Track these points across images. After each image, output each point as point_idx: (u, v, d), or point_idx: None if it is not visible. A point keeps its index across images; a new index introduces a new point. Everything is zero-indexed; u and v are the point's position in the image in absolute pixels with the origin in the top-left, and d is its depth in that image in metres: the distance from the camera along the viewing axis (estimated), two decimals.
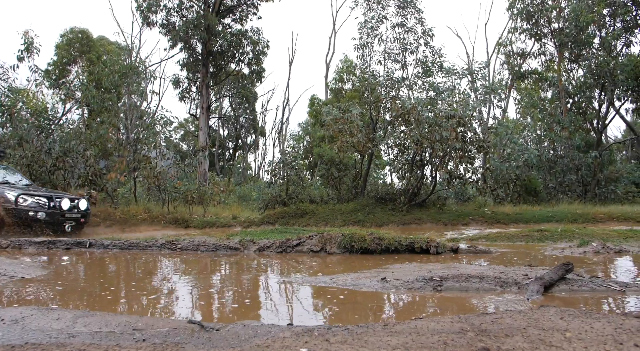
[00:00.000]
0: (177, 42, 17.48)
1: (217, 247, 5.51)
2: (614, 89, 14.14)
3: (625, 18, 13.06)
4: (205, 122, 18.58)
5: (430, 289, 3.14)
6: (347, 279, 3.49)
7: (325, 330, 2.12)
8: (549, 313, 2.14)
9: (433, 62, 12.74)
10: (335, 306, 2.84)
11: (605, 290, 3.02)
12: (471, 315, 2.20)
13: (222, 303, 2.94)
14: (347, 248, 5.08)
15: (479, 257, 4.74)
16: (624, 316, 2.09)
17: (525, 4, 16.34)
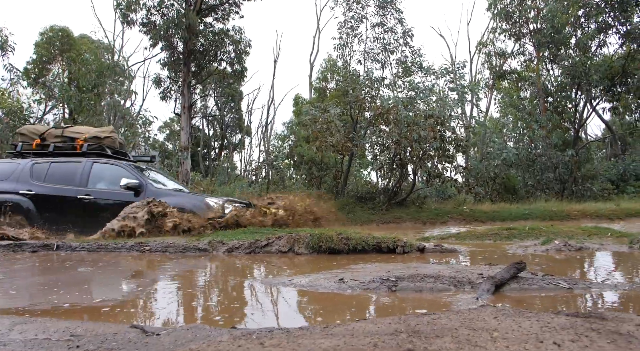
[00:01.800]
0: (158, 41, 17.35)
1: (186, 248, 5.49)
2: (589, 88, 14.39)
3: (599, 19, 13.29)
4: (187, 122, 18.47)
5: (385, 289, 3.17)
6: (306, 280, 3.52)
7: (265, 333, 2.13)
8: (485, 313, 2.18)
9: (413, 62, 12.83)
10: (287, 307, 2.86)
11: (553, 288, 3.08)
12: (410, 316, 2.23)
13: (173, 305, 2.94)
14: (315, 249, 5.10)
15: (445, 256, 4.80)
16: (554, 314, 2.14)
17: (505, 5, 16.54)
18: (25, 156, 7.92)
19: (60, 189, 7.33)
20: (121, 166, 7.66)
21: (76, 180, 7.35)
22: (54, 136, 8.06)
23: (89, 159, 7.57)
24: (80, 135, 7.98)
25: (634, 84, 13.39)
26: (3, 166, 7.77)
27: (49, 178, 7.44)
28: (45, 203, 7.24)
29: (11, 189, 7.34)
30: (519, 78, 17.83)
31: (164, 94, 18.98)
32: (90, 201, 7.18)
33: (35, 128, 8.37)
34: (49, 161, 7.62)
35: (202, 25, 18.15)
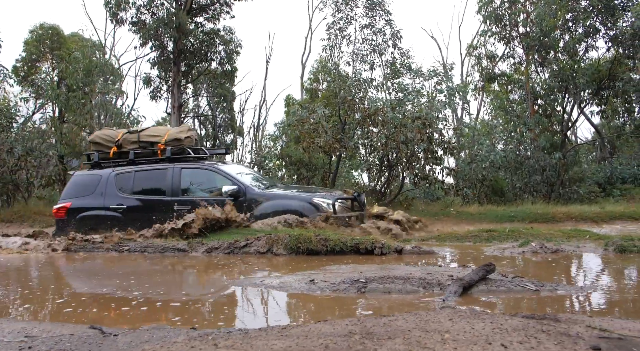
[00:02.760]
0: (148, 41, 17.28)
1: (165, 248, 5.48)
2: (577, 92, 14.50)
3: (586, 23, 13.40)
4: (177, 122, 18.39)
5: (354, 290, 3.18)
6: (277, 281, 3.52)
7: (222, 334, 2.14)
8: (442, 315, 2.19)
9: (402, 64, 12.86)
10: (252, 308, 2.86)
11: (521, 290, 3.10)
12: (369, 318, 2.24)
13: (140, 305, 2.93)
14: (293, 249, 5.10)
15: (422, 258, 4.82)
16: (509, 316, 2.16)
17: (494, 8, 16.61)
18: (102, 166, 7.27)
19: (153, 201, 6.73)
20: (213, 169, 7.06)
21: (168, 189, 6.72)
22: (131, 142, 7.29)
23: (175, 165, 6.89)
24: (158, 138, 7.25)
25: (620, 88, 13.49)
26: (84, 179, 7.10)
27: (137, 188, 6.86)
28: (138, 217, 6.56)
29: (100, 204, 6.76)
30: (508, 81, 17.91)
31: (154, 93, 18.91)
32: (187, 211, 6.46)
33: (107, 134, 7.55)
34: (132, 170, 6.95)
35: (192, 25, 18.10)
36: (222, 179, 6.82)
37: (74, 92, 14.21)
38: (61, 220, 6.84)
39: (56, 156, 12.45)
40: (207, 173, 7.06)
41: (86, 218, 6.73)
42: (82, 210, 6.78)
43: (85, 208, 6.79)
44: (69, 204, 6.87)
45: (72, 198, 6.92)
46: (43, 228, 11.65)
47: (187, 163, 7.04)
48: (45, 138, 13.03)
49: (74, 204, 6.84)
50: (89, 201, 6.83)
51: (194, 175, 7.02)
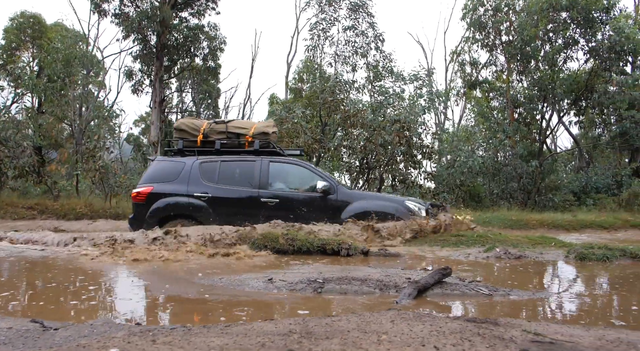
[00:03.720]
0: (130, 34, 17.08)
1: None
2: (555, 101, 14.79)
3: (566, 34, 13.67)
4: (158, 117, 18.22)
5: (310, 290, 3.19)
6: (236, 279, 3.51)
7: (165, 331, 2.12)
8: (385, 317, 2.21)
9: (384, 67, 12.94)
10: (204, 305, 2.85)
11: (474, 294, 3.15)
12: (313, 318, 2.25)
13: (93, 300, 2.90)
14: (260, 248, 5.10)
15: (387, 260, 4.85)
16: (450, 319, 2.19)
17: (479, 15, 16.85)
18: (185, 153, 7.09)
19: (240, 192, 6.66)
20: (302, 165, 7.04)
21: (255, 181, 6.64)
22: (218, 132, 7.18)
23: (263, 158, 6.78)
24: (245, 130, 7.16)
25: (596, 99, 13.80)
26: (167, 165, 6.96)
27: (222, 178, 6.74)
28: (223, 207, 6.50)
29: (183, 191, 6.60)
30: (490, 88, 18.18)
31: (135, 87, 18.70)
32: (275, 205, 6.43)
33: (193, 123, 7.41)
34: (217, 160, 6.85)
35: (176, 20, 17.95)
36: (310, 175, 6.78)
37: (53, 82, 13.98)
38: (141, 205, 6.64)
39: (31, 147, 12.20)
40: (295, 168, 7.05)
41: (167, 204, 6.59)
42: (164, 196, 6.61)
43: (168, 194, 6.62)
44: (150, 189, 6.65)
45: (154, 182, 6.72)
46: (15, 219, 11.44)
47: (275, 157, 6.98)
48: (21, 129, 12.77)
49: (156, 189, 6.63)
50: (171, 187, 6.66)
51: (281, 169, 7.00)
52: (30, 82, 13.14)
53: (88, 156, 12.54)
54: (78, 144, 13.32)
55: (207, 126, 7.24)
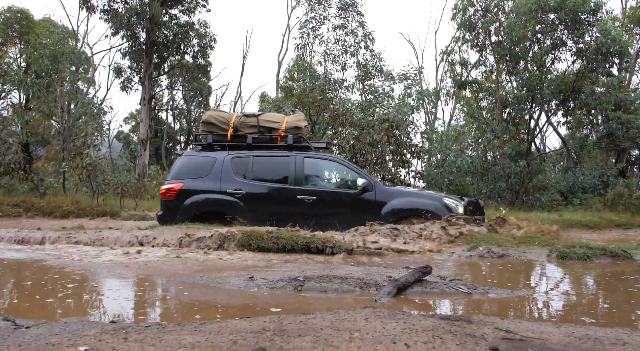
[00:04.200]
0: (119, 30, 16.92)
1: (114, 241, 5.38)
2: (543, 102, 14.91)
3: (554, 35, 13.79)
4: (147, 114, 18.09)
5: (290, 289, 3.20)
6: (218, 277, 3.51)
7: (139, 328, 2.11)
8: (359, 314, 2.23)
9: (373, 66, 12.96)
10: (182, 303, 2.84)
11: (454, 293, 3.17)
12: (288, 316, 2.26)
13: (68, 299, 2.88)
14: (245, 246, 5.09)
15: (371, 258, 4.87)
16: (423, 317, 2.20)
17: (469, 16, 16.91)
18: (214, 148, 6.85)
19: (275, 189, 6.49)
20: (338, 161, 6.90)
21: (290, 178, 6.45)
22: (249, 126, 6.89)
23: (297, 153, 6.55)
24: (277, 124, 6.92)
25: (582, 100, 13.94)
26: (197, 161, 6.72)
27: (256, 174, 6.54)
28: (258, 204, 6.32)
29: (216, 187, 6.39)
30: (479, 88, 18.27)
31: (124, 84, 18.54)
32: (311, 202, 6.25)
33: (221, 116, 7.10)
34: (250, 155, 6.61)
35: (166, 17, 17.82)
36: (346, 172, 6.67)
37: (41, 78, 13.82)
38: (171, 202, 6.43)
39: (17, 144, 12.06)
40: (330, 164, 6.97)
41: (200, 201, 6.40)
42: (196, 192, 6.40)
43: (200, 191, 6.40)
44: (180, 185, 6.42)
45: (184, 178, 6.48)
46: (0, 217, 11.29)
47: (310, 153, 6.77)
48: (7, 125, 12.62)
49: (187, 186, 6.41)
50: (203, 184, 6.43)
51: (316, 165, 6.84)
52: (17, 78, 12.96)
53: (75, 154, 12.41)
54: (65, 141, 13.18)
55: (236, 119, 7.00)
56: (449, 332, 1.97)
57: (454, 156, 14.53)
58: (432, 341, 1.86)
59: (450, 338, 1.90)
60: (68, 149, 12.67)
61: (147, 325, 2.22)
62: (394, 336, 1.90)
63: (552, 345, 1.86)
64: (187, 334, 1.97)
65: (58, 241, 5.51)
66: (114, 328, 2.10)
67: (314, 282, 3.31)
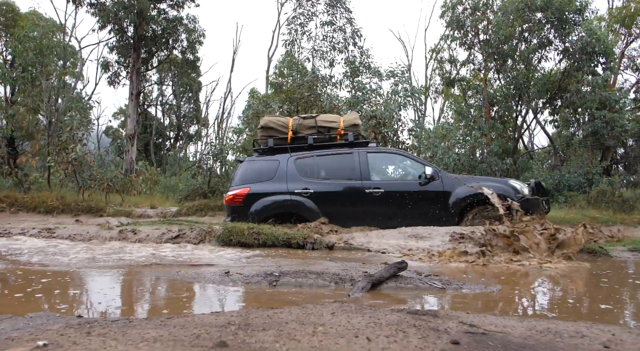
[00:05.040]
0: (107, 24, 16.75)
1: (93, 237, 5.35)
2: (529, 100, 15.03)
3: (540, 34, 13.89)
4: (135, 109, 17.95)
5: (265, 284, 3.20)
6: (193, 272, 3.50)
7: (105, 323, 2.11)
8: (327, 309, 2.24)
9: (361, 63, 12.96)
10: (154, 297, 2.83)
11: (428, 288, 3.19)
12: (255, 310, 2.26)
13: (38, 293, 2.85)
14: (225, 242, 5.10)
15: (351, 254, 4.88)
16: (389, 311, 2.22)
17: (457, 14, 16.97)
18: (275, 151, 6.99)
19: (342, 185, 6.62)
20: (400, 153, 7.09)
21: (356, 173, 6.59)
22: (307, 127, 7.11)
23: (360, 150, 6.74)
24: (335, 124, 7.11)
25: (568, 99, 14.08)
26: (260, 165, 6.87)
27: (322, 173, 6.74)
28: (327, 201, 6.46)
29: (283, 189, 6.54)
30: (467, 86, 18.37)
31: (112, 79, 18.37)
32: (380, 194, 6.40)
33: (279, 120, 7.30)
34: (312, 155, 6.82)
35: (155, 11, 17.66)
36: (410, 163, 6.82)
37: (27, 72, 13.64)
38: (238, 207, 6.55)
39: (0, 138, 11.90)
40: (393, 157, 7.13)
41: (270, 203, 6.53)
42: (264, 195, 6.56)
43: (267, 193, 6.56)
44: (247, 190, 6.58)
45: (249, 183, 6.65)
46: None
47: (372, 148, 6.99)
48: None
49: (254, 190, 6.58)
50: (270, 186, 6.60)
51: (380, 159, 7.01)
52: (2, 71, 12.78)
53: (60, 148, 12.28)
54: (50, 136, 13.03)
55: (294, 122, 7.20)
56: (413, 326, 1.99)
57: (441, 153, 14.60)
58: (395, 335, 1.87)
59: (413, 332, 1.91)
60: (53, 144, 12.53)
61: (114, 319, 2.22)
62: (357, 331, 1.91)
63: (513, 338, 1.89)
64: (152, 328, 1.97)
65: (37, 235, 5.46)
66: (79, 323, 2.08)
67: (289, 277, 3.31)
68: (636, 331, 2.04)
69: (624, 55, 18.20)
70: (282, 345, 1.75)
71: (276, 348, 1.71)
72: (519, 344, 1.82)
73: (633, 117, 17.28)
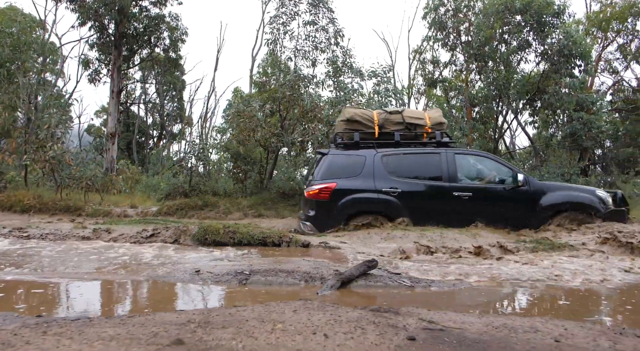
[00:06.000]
0: (87, 21, 16.49)
1: (67, 236, 5.28)
2: (509, 101, 15.24)
3: (519, 37, 14.11)
4: (116, 107, 17.68)
5: (235, 282, 3.20)
6: (164, 271, 3.48)
7: (63, 322, 2.09)
8: (290, 306, 2.25)
9: (344, 62, 12.98)
10: (120, 296, 2.81)
11: (397, 286, 3.23)
12: (218, 308, 2.27)
13: None
14: (200, 241, 5.06)
15: (325, 252, 4.89)
16: (351, 309, 2.24)
17: (439, 15, 17.12)
18: (359, 146, 6.73)
19: (430, 186, 6.43)
20: (488, 156, 6.90)
21: (443, 174, 6.37)
22: (394, 123, 6.84)
23: (447, 150, 6.53)
24: (422, 121, 6.88)
25: (547, 100, 14.31)
26: (345, 160, 6.61)
27: (408, 172, 6.45)
28: (414, 202, 6.25)
29: (370, 186, 6.30)
30: (449, 87, 18.54)
31: (92, 76, 18.08)
32: (468, 198, 6.23)
33: (364, 113, 7.01)
34: (399, 153, 6.55)
35: (136, 8, 17.43)
36: (498, 167, 6.63)
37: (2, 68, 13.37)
38: (324, 202, 6.33)
39: None
40: (480, 160, 6.89)
41: (356, 200, 6.31)
42: (351, 192, 6.33)
43: (355, 190, 6.33)
44: (334, 185, 6.33)
45: (335, 178, 6.41)
46: None
47: (459, 149, 6.92)
48: None
49: (340, 185, 6.33)
50: (357, 183, 6.37)
51: (467, 161, 6.77)
52: None
53: (38, 146, 12.05)
54: (27, 134, 12.79)
55: (378, 116, 6.95)
56: (373, 323, 2.01)
57: None
58: (353, 331, 1.89)
59: (372, 328, 1.94)
60: (30, 142, 12.29)
61: (74, 318, 2.19)
62: (316, 327, 1.93)
63: (469, 334, 1.92)
64: (110, 327, 1.95)
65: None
66: (37, 322, 2.06)
67: (260, 276, 3.32)
68: (589, 325, 2.09)
69: (600, 58, 18.55)
70: (239, 342, 1.75)
71: (232, 346, 1.72)
72: (474, 339, 1.85)
73: (610, 119, 17.66)
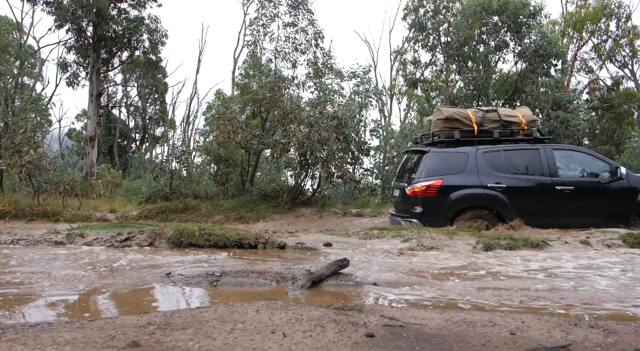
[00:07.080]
0: (64, 23, 16.24)
1: (39, 241, 5.18)
2: (488, 100, 15.46)
3: (496, 37, 14.33)
4: (95, 111, 17.46)
5: (206, 284, 3.18)
6: (135, 275, 3.44)
7: (20, 328, 2.05)
8: (253, 306, 2.25)
9: (324, 64, 13.02)
10: (87, 301, 2.77)
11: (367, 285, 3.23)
12: (180, 309, 2.25)
13: None
14: (176, 243, 5.02)
15: (302, 253, 4.90)
16: (314, 307, 2.25)
17: (419, 17, 17.29)
18: (460, 144, 6.87)
19: (534, 180, 6.58)
20: (584, 151, 7.11)
21: (544, 169, 6.58)
22: (492, 121, 7.07)
23: (545, 146, 6.76)
24: (517, 119, 7.10)
25: (524, 99, 14.57)
26: (448, 157, 6.78)
27: (510, 167, 6.65)
28: (518, 197, 6.41)
29: (476, 182, 6.45)
30: (430, 87, 18.72)
31: (71, 79, 17.83)
32: (570, 191, 6.41)
33: (461, 112, 7.22)
34: (500, 149, 6.75)
35: (115, 11, 17.24)
36: (594, 161, 6.84)
37: None
38: (431, 198, 6.45)
39: None
40: (577, 155, 7.11)
41: (464, 196, 6.45)
42: (457, 188, 6.46)
43: (461, 186, 6.47)
44: (440, 182, 6.46)
45: (440, 175, 6.53)
46: None
47: (557, 145, 7.26)
48: None
49: (447, 182, 6.46)
50: (462, 179, 6.51)
51: (564, 156, 7.02)
52: None
53: (14, 151, 11.83)
54: (3, 139, 12.55)
55: (475, 114, 7.16)
56: (333, 321, 2.02)
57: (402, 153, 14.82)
58: (312, 329, 1.90)
59: (331, 326, 1.95)
60: (5, 147, 12.06)
61: (33, 324, 2.16)
62: (276, 327, 1.93)
63: (428, 330, 1.95)
64: (67, 331, 1.93)
65: None
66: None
67: (230, 277, 3.31)
68: (546, 317, 2.13)
69: (576, 58, 18.93)
70: (196, 343, 1.75)
71: (189, 346, 1.71)
72: (432, 334, 1.88)
73: (587, 118, 18.01)
